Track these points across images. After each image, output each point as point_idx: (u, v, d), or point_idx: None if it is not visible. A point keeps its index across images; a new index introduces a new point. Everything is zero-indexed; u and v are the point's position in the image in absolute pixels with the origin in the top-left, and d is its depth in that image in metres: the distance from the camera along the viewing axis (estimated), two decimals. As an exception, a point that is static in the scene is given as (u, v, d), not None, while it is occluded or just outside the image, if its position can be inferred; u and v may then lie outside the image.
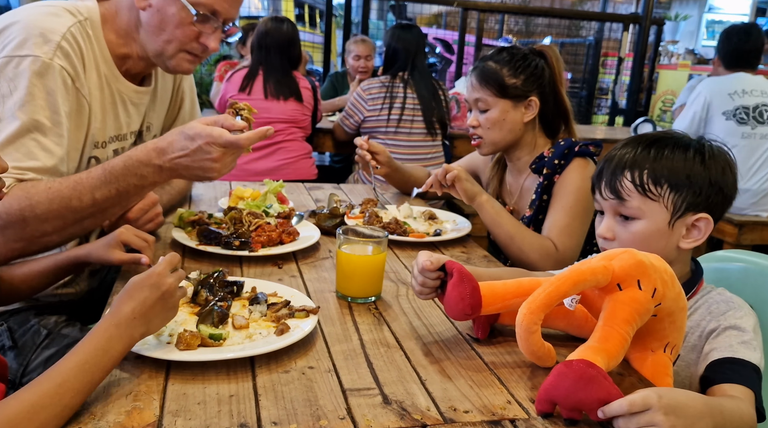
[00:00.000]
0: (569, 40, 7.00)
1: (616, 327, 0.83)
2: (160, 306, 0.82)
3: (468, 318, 0.95)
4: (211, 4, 1.22)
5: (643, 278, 0.84)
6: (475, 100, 1.58)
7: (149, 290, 0.81)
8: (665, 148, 1.01)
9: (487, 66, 1.56)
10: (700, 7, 10.07)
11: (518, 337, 0.88)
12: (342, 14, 4.80)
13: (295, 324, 0.97)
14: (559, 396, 0.77)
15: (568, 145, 1.51)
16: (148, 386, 0.80)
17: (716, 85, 3.02)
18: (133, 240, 1.12)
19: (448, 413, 0.79)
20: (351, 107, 2.88)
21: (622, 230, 1.03)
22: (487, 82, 1.55)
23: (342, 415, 0.77)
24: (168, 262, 0.85)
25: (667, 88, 5.12)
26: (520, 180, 1.65)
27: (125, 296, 0.80)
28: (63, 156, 1.15)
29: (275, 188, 1.62)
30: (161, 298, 0.82)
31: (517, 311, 0.87)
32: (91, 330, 0.77)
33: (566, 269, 0.88)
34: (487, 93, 1.55)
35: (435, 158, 2.90)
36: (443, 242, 1.52)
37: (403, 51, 2.82)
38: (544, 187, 1.52)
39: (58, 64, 1.13)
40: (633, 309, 0.84)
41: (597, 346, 0.82)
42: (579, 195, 1.47)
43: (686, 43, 8.50)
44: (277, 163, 2.78)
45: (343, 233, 1.14)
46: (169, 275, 0.84)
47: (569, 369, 0.77)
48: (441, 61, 7.69)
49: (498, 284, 0.96)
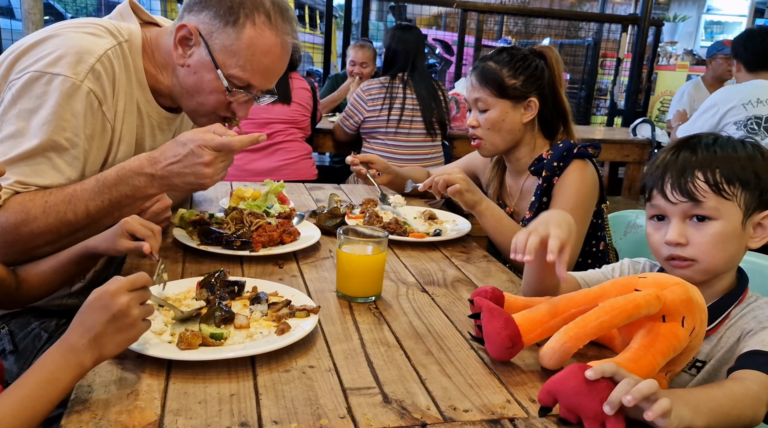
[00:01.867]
0: (568, 41, 7.01)
1: (649, 355, 0.83)
2: (113, 329, 0.75)
3: (512, 353, 0.90)
4: (247, 79, 1.23)
5: (689, 315, 0.85)
6: (475, 100, 1.59)
7: (99, 311, 0.75)
8: (727, 147, 1.00)
9: (487, 66, 1.57)
10: (699, 8, 10.09)
11: (551, 355, 0.86)
12: (342, 15, 4.80)
13: (295, 323, 0.97)
14: (561, 392, 0.76)
15: (566, 147, 1.51)
16: (149, 385, 0.80)
17: (731, 95, 2.94)
18: (138, 229, 1.10)
19: (448, 412, 0.80)
20: (351, 108, 2.89)
21: (696, 234, 0.98)
22: (486, 82, 1.56)
23: (342, 414, 0.77)
24: (128, 281, 0.77)
25: (666, 89, 5.13)
26: (519, 182, 1.66)
27: (77, 321, 0.75)
28: (74, 178, 1.15)
29: (276, 189, 1.62)
30: (112, 320, 0.75)
31: (555, 330, 0.87)
32: (38, 360, 0.72)
33: (622, 298, 0.85)
34: (486, 93, 1.56)
35: (435, 158, 2.90)
36: (443, 242, 1.52)
37: (403, 52, 2.83)
38: (544, 189, 1.53)
39: (87, 86, 1.13)
40: (671, 345, 0.84)
41: (624, 364, 0.81)
42: (578, 197, 1.47)
43: (685, 44, 8.51)
44: (277, 163, 2.78)
45: (344, 233, 1.15)
46: (124, 294, 0.76)
47: (581, 371, 0.75)
48: (440, 62, 7.70)
49: (530, 310, 0.93)
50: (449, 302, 1.17)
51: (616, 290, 0.89)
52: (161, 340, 0.89)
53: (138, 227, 1.10)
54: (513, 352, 0.91)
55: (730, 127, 2.97)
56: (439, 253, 1.46)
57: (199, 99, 1.25)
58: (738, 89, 3.01)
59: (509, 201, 1.70)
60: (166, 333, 0.90)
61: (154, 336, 0.89)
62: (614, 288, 0.90)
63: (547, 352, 0.87)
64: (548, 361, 0.87)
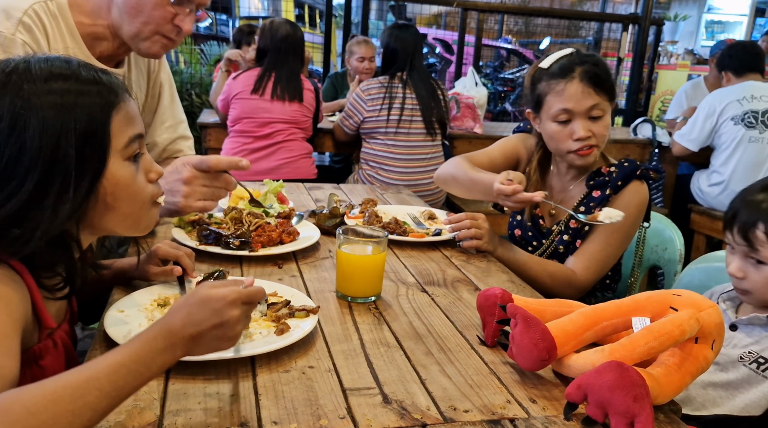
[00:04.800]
0: (568, 40, 7.02)
1: (679, 374, 0.84)
2: (214, 335, 0.72)
3: (544, 365, 0.87)
4: None
5: (718, 339, 0.87)
6: (590, 107, 1.41)
7: (210, 313, 0.71)
8: None
9: (599, 69, 1.44)
10: (700, 8, 10.06)
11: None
12: (342, 14, 4.80)
13: (295, 323, 0.97)
14: (595, 385, 0.74)
15: (632, 168, 1.46)
16: (149, 385, 0.80)
17: (725, 93, 3.07)
18: (169, 253, 1.09)
19: (448, 412, 0.79)
20: (350, 108, 2.88)
21: (753, 272, 1.11)
22: (602, 86, 1.42)
23: (342, 415, 0.77)
24: (247, 295, 0.75)
25: (667, 89, 5.12)
26: (565, 183, 1.57)
27: (184, 310, 0.71)
28: None
29: (275, 188, 1.62)
30: (218, 326, 0.72)
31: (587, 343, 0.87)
32: (138, 334, 0.69)
33: (668, 323, 0.84)
34: (603, 98, 1.42)
35: (434, 158, 2.90)
36: (443, 242, 1.52)
37: (401, 51, 2.83)
38: (600, 202, 1.48)
39: (20, 38, 1.15)
40: (700, 367, 0.86)
41: (654, 376, 0.81)
42: (622, 223, 1.40)
43: (685, 43, 8.48)
44: (276, 162, 2.78)
45: (343, 233, 1.14)
46: (238, 307, 0.73)
47: (620, 367, 0.75)
48: (441, 62, 7.70)
49: (564, 321, 0.91)
50: (449, 302, 1.17)
51: (651, 306, 0.89)
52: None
53: (169, 250, 1.08)
54: (546, 364, 0.87)
55: (728, 123, 3.01)
56: (439, 253, 1.46)
57: (143, 18, 1.25)
58: (731, 88, 3.13)
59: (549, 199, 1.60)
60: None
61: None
62: (649, 303, 0.89)
63: (584, 368, 0.85)
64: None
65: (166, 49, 1.32)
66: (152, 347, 0.68)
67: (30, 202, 0.73)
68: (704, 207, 3.23)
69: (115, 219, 0.83)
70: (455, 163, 1.60)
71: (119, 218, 0.83)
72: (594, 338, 0.91)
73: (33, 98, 0.73)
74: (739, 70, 3.21)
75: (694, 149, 3.19)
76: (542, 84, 1.46)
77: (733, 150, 3.03)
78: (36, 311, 0.78)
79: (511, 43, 8.28)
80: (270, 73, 2.77)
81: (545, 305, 1.01)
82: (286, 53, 2.78)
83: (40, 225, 0.73)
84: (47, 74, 0.75)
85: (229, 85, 2.84)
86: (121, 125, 0.80)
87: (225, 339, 0.73)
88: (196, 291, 0.73)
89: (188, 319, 0.70)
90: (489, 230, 1.46)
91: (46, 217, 0.74)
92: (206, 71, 5.35)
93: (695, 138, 3.16)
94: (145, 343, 0.68)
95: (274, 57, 2.78)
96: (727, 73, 3.27)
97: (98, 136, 0.77)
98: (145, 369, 0.67)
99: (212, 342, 0.72)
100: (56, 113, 0.74)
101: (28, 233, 0.73)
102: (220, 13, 7.70)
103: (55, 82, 0.75)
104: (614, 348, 0.85)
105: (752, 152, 2.99)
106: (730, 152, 3.04)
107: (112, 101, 0.79)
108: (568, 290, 1.43)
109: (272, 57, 2.78)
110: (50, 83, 0.75)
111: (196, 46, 5.81)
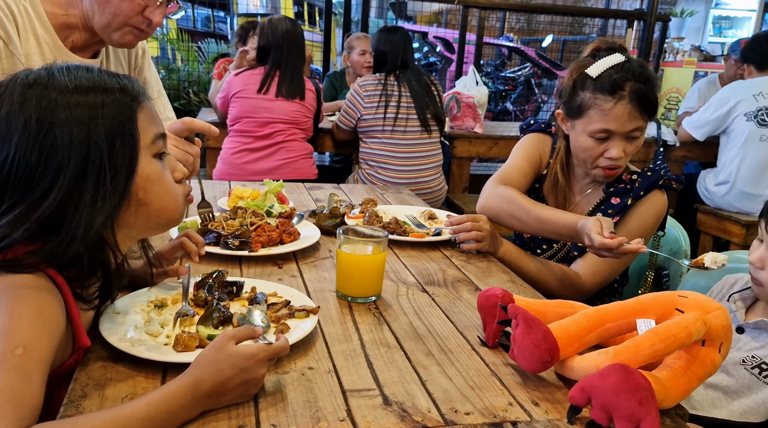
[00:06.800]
0: (572, 37, 6.98)
1: (686, 377, 0.83)
2: (238, 392, 0.76)
3: (546, 367, 0.86)
4: None
5: (725, 342, 0.85)
6: (632, 130, 1.35)
7: (237, 371, 0.74)
8: None
9: (648, 89, 1.35)
10: (707, 3, 9.97)
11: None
12: (341, 12, 4.78)
13: (295, 324, 0.96)
14: (599, 388, 0.73)
15: (656, 178, 1.44)
16: (145, 388, 0.79)
17: (742, 88, 3.04)
18: (173, 247, 1.06)
19: (449, 414, 0.78)
20: (348, 104, 2.88)
21: None
22: (648, 108, 1.35)
23: (342, 417, 0.76)
24: (274, 351, 0.78)
25: (672, 86, 5.09)
26: (583, 186, 1.53)
27: (214, 365, 0.74)
28: None
29: (275, 188, 1.61)
30: (244, 384, 0.76)
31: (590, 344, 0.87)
32: (167, 385, 0.72)
33: (674, 325, 0.83)
34: (646, 119, 1.36)
35: (432, 155, 2.88)
36: (443, 242, 1.51)
37: (391, 53, 2.84)
38: (620, 210, 1.46)
39: None
40: (707, 371, 0.84)
41: (660, 380, 0.80)
42: (642, 230, 1.40)
43: (692, 39, 8.43)
44: (277, 163, 2.77)
45: (343, 233, 1.13)
46: (265, 366, 0.77)
47: (625, 370, 0.73)
48: (441, 61, 7.68)
49: (567, 323, 0.89)
50: (449, 302, 1.16)
51: (656, 307, 0.87)
52: (157, 342, 0.88)
53: (173, 245, 1.06)
54: (548, 366, 0.86)
55: (740, 118, 2.98)
56: (439, 253, 1.45)
57: (111, 9, 1.25)
58: (748, 82, 3.09)
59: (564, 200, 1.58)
60: (162, 335, 0.89)
61: (150, 338, 0.88)
62: (654, 305, 0.88)
63: (588, 370, 0.83)
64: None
65: (138, 39, 1.33)
66: (181, 404, 0.71)
67: (67, 201, 0.73)
68: (711, 207, 3.21)
69: (150, 216, 0.84)
70: (504, 196, 1.46)
71: (153, 215, 0.84)
72: (597, 340, 0.89)
73: (59, 98, 0.75)
74: (761, 64, 3.15)
75: (699, 137, 3.16)
76: (587, 94, 1.36)
77: (740, 147, 2.99)
78: (71, 325, 0.78)
79: (513, 40, 8.24)
80: (274, 72, 2.76)
81: (547, 306, 0.99)
82: (288, 50, 2.76)
83: (80, 226, 0.73)
84: (74, 84, 0.77)
85: (229, 83, 2.81)
86: (145, 122, 0.82)
87: (247, 393, 0.77)
88: (225, 345, 0.76)
89: (217, 376, 0.73)
90: (490, 231, 1.44)
91: (85, 217, 0.74)
92: (204, 69, 5.28)
93: (702, 126, 3.13)
94: (173, 399, 0.71)
95: (276, 55, 2.76)
96: (749, 66, 3.21)
97: (127, 130, 0.79)
98: (170, 423, 0.70)
99: (235, 396, 0.76)
100: (83, 109, 0.76)
101: (69, 235, 0.73)
102: (218, 10, 7.68)
103: (79, 81, 0.78)
104: (618, 350, 0.83)
105: (761, 151, 2.95)
106: (738, 148, 3.01)
107: (136, 98, 0.81)
108: (573, 294, 1.42)
109: (275, 55, 2.77)
110: (76, 82, 0.77)
111: (194, 43, 5.73)
